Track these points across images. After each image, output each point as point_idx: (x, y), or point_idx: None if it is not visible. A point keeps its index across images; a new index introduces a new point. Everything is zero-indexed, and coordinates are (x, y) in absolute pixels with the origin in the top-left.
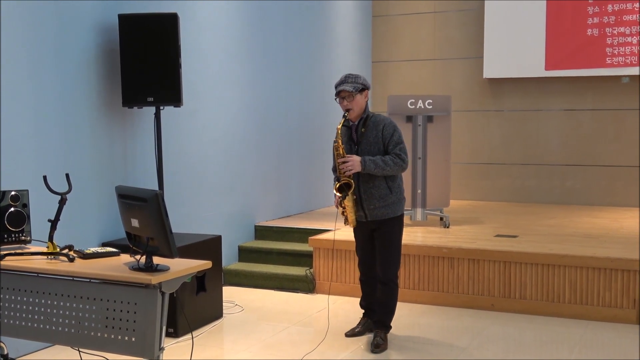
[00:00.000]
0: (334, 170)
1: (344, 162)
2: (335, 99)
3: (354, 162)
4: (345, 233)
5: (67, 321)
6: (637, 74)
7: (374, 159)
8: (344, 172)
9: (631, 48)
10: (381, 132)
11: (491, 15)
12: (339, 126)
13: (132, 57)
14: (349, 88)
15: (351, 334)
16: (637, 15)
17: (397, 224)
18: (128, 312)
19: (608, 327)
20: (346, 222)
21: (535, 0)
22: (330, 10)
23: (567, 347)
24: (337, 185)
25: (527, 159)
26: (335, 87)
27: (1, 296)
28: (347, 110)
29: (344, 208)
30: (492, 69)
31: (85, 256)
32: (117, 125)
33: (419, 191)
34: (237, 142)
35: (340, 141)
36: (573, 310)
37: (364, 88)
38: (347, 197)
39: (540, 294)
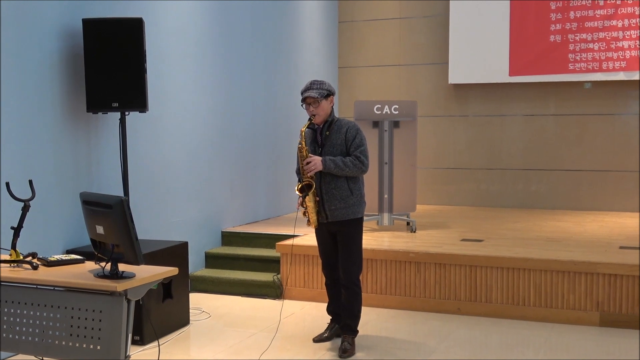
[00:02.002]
0: (298, 172)
1: (307, 163)
2: (302, 105)
3: (316, 162)
4: (312, 238)
5: (30, 330)
6: (600, 79)
7: (335, 159)
8: (307, 173)
9: (593, 54)
10: (344, 134)
11: (456, 22)
12: (303, 128)
13: (96, 62)
14: (315, 94)
15: (319, 339)
16: (599, 22)
17: (357, 226)
18: (93, 320)
19: (572, 329)
20: (308, 222)
21: (499, 7)
22: (297, 15)
23: (532, 349)
24: (299, 186)
25: (492, 163)
26: (302, 94)
27: None
28: (313, 115)
29: (305, 208)
30: (457, 74)
31: (49, 264)
32: (81, 130)
33: (386, 196)
34: (203, 147)
35: (304, 143)
36: (538, 313)
37: (329, 94)
38: (308, 198)
39: (506, 298)
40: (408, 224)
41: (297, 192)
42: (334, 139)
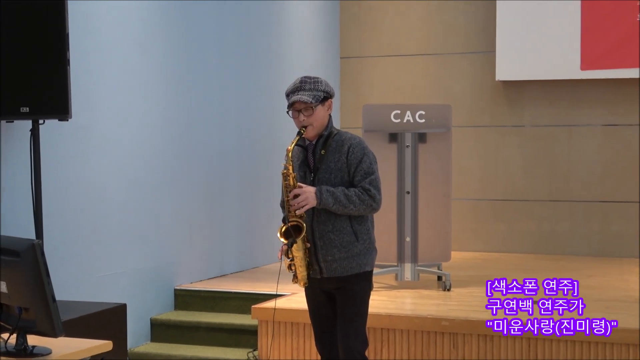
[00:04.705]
0: (283, 206)
1: (294, 196)
2: (288, 112)
3: (308, 195)
4: (302, 299)
5: None
6: None
7: (334, 191)
8: (294, 210)
9: None
10: (346, 155)
11: None
12: (290, 147)
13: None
14: (307, 98)
15: None
16: None
17: (362, 283)
18: None
19: None
20: (295, 279)
21: None
22: None
23: None
24: (283, 229)
25: (558, 193)
26: (287, 97)
27: None
28: (304, 127)
29: (291, 260)
30: (508, 68)
31: None
32: None
33: (408, 239)
34: (149, 171)
35: (290, 167)
36: None
37: (326, 96)
38: (296, 245)
39: None
40: (440, 278)
41: (280, 238)
42: (331, 161)
